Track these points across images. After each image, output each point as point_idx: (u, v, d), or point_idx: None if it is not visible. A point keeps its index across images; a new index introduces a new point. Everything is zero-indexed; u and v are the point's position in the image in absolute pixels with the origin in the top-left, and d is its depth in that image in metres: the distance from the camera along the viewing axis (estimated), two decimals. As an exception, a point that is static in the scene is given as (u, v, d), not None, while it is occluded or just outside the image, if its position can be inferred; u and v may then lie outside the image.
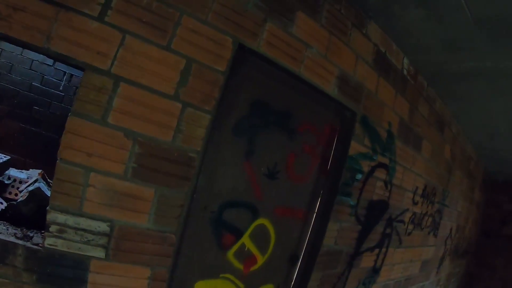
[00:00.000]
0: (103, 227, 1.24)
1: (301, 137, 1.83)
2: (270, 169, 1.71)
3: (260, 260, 1.81)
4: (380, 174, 2.29)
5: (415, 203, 2.85)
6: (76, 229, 1.20)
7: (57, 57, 1.15)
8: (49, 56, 1.25)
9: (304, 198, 1.92)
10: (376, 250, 2.47)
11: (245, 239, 1.71)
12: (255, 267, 1.79)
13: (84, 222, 1.21)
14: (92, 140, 1.19)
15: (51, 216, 1.16)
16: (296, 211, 1.93)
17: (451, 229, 4.15)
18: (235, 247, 1.68)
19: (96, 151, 1.20)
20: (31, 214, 1.51)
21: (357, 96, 2.03)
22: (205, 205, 1.53)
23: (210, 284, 1.65)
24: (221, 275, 1.67)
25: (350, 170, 2.02)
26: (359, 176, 2.10)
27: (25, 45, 1.12)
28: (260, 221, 1.75)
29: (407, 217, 2.78)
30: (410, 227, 2.89)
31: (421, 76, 2.63)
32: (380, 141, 2.24)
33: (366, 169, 2.15)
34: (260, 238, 1.76)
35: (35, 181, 1.85)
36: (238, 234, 1.67)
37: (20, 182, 1.87)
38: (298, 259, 1.99)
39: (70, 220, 1.19)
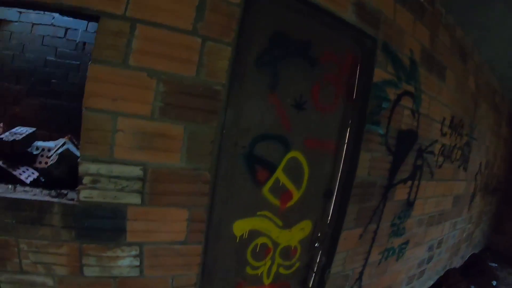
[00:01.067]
0: (136, 171, 1.22)
1: (324, 66, 1.75)
2: (297, 99, 1.66)
3: (296, 195, 1.78)
4: (407, 102, 2.19)
5: (443, 134, 2.75)
6: (110, 177, 1.18)
7: (71, 11, 1.11)
8: (62, 13, 1.22)
9: (333, 128, 1.87)
10: (409, 182, 2.42)
11: (279, 174, 1.67)
12: (291, 202, 1.77)
13: (116, 169, 1.19)
14: (115, 85, 1.16)
15: (83, 167, 1.14)
16: (326, 143, 1.87)
17: (480, 164, 4.02)
18: (269, 183, 1.64)
19: (120, 94, 1.16)
20: (63, 176, 1.47)
21: (376, 23, 1.91)
22: (236, 141, 1.49)
23: (248, 222, 1.64)
24: (258, 213, 1.66)
25: (376, 98, 1.94)
26: (386, 104, 2.02)
27: (38, 5, 1.08)
28: (292, 153, 1.69)
29: (436, 148, 2.69)
30: (441, 159, 2.80)
31: (438, 2, 2.46)
32: (404, 68, 2.13)
33: (392, 97, 2.06)
34: (294, 172, 1.72)
35: (63, 144, 1.75)
36: (272, 169, 1.63)
37: (49, 150, 1.80)
38: (333, 193, 1.96)
39: (103, 168, 1.17)
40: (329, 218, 1.98)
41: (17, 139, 1.73)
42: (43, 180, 1.52)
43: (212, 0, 1.31)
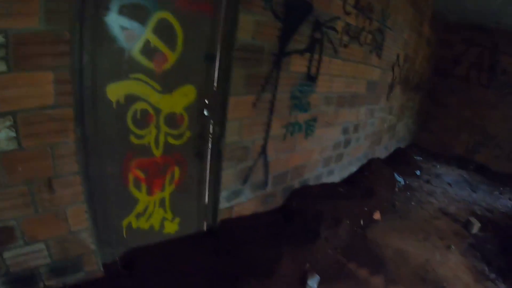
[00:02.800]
0: (-1, 38, 1.07)
1: None
2: None
3: (171, 57, 1.68)
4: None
5: (347, 13, 2.68)
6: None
7: None
8: None
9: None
10: (307, 55, 2.40)
11: (149, 35, 1.55)
12: (167, 65, 1.67)
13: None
14: None
15: None
16: (201, 4, 1.72)
17: (398, 56, 4.13)
18: (139, 44, 1.53)
19: None
20: None
21: None
22: (97, 3, 1.34)
23: (122, 86, 1.55)
24: (131, 75, 1.56)
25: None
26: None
27: None
28: (161, 14, 1.55)
29: (339, 25, 2.64)
30: (346, 38, 2.78)
31: None
32: None
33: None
34: (166, 33, 1.60)
35: None
36: (140, 30, 1.50)
37: None
38: (215, 57, 1.88)
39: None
40: (215, 84, 1.93)
41: None
42: None
43: None
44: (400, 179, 4.23)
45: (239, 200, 2.36)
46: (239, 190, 2.31)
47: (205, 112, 1.96)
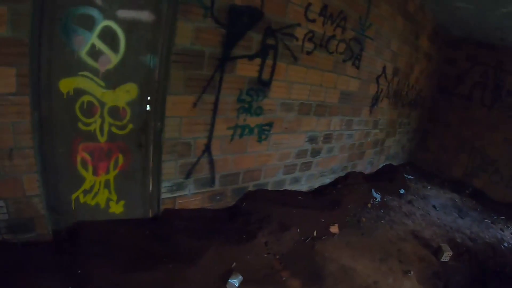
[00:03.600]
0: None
1: None
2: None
3: (114, 58, 1.87)
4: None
5: (310, 20, 2.67)
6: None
7: None
8: None
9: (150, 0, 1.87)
10: (257, 60, 2.41)
11: (94, 40, 1.77)
12: (111, 65, 1.87)
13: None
14: None
15: None
16: (143, 12, 1.89)
17: (384, 68, 4.00)
18: (86, 48, 1.76)
19: None
20: None
21: None
22: (53, 15, 1.61)
23: (72, 81, 1.79)
24: (79, 73, 1.80)
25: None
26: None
27: None
28: (105, 23, 1.77)
29: (300, 33, 2.64)
30: (309, 45, 2.77)
31: None
32: None
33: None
34: (110, 39, 1.81)
35: None
36: (87, 36, 1.75)
37: None
38: (156, 60, 1.99)
39: None
40: (156, 82, 2.03)
41: None
42: None
43: None
44: (377, 195, 4.05)
45: (183, 193, 2.43)
46: (182, 184, 2.38)
47: (148, 107, 2.07)
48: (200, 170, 2.45)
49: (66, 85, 1.77)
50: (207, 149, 2.42)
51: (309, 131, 3.24)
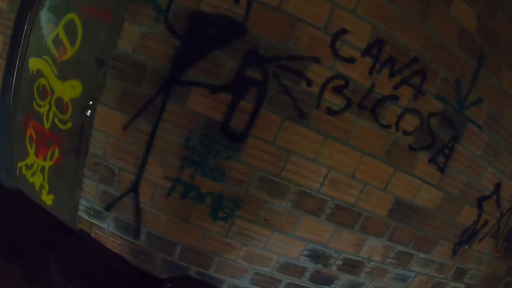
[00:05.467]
0: None
1: None
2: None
3: (70, 51, 1.82)
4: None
5: (343, 59, 1.53)
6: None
7: None
8: None
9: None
10: (225, 96, 1.58)
11: (59, 30, 1.82)
12: (66, 57, 1.84)
13: None
14: None
15: None
16: (102, 11, 1.71)
17: (498, 186, 1.92)
18: (52, 35, 1.84)
19: None
20: None
21: None
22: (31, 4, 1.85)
23: (37, 62, 1.95)
24: (43, 56, 1.91)
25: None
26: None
27: None
28: (70, 15, 1.77)
29: (318, 74, 1.54)
30: (336, 99, 1.57)
31: None
32: None
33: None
34: (71, 31, 1.78)
35: None
36: (56, 24, 1.82)
37: None
38: (104, 62, 1.71)
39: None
40: (100, 86, 1.77)
41: None
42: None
43: None
44: None
45: (101, 225, 1.92)
46: (101, 213, 1.88)
47: (88, 113, 1.82)
48: (124, 211, 1.83)
49: (33, 63, 1.92)
50: (134, 189, 1.78)
51: (313, 242, 1.80)
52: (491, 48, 1.78)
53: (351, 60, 1.53)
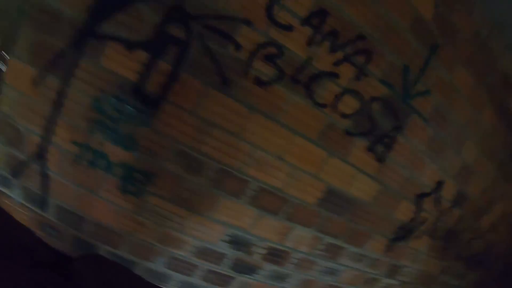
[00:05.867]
0: None
1: None
2: None
3: None
4: None
5: (279, 24, 1.40)
6: None
7: None
8: None
9: None
10: (143, 54, 1.43)
11: None
12: None
13: None
14: None
15: None
16: None
17: (439, 184, 1.82)
18: None
19: None
20: None
21: None
22: None
23: None
24: None
25: None
26: None
27: None
28: None
29: (249, 39, 1.40)
30: (268, 70, 1.44)
31: None
32: None
33: None
34: None
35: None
36: None
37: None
38: (25, 12, 1.53)
39: None
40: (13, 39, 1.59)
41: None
42: None
43: None
44: None
45: (9, 193, 1.69)
46: (8, 180, 1.67)
47: (2, 67, 1.64)
48: (30, 179, 1.63)
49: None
50: (41, 154, 1.59)
51: (234, 227, 1.62)
52: (446, 40, 1.67)
53: (289, 28, 1.41)
